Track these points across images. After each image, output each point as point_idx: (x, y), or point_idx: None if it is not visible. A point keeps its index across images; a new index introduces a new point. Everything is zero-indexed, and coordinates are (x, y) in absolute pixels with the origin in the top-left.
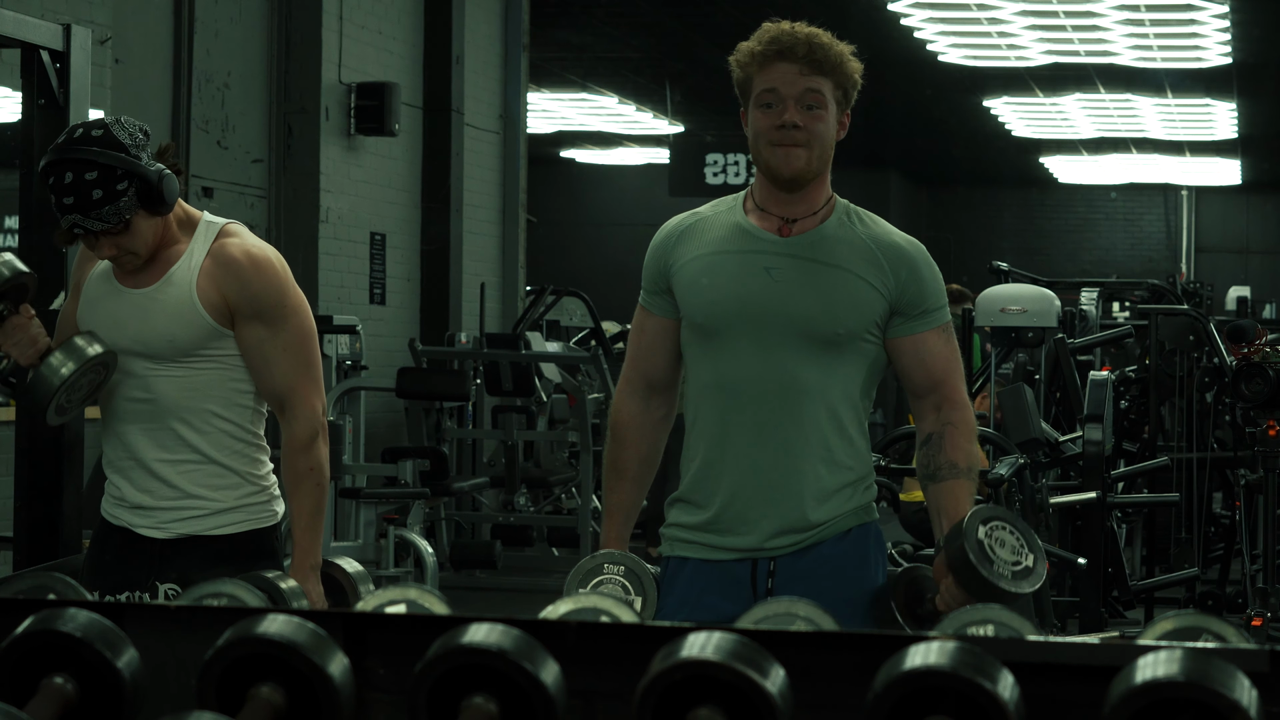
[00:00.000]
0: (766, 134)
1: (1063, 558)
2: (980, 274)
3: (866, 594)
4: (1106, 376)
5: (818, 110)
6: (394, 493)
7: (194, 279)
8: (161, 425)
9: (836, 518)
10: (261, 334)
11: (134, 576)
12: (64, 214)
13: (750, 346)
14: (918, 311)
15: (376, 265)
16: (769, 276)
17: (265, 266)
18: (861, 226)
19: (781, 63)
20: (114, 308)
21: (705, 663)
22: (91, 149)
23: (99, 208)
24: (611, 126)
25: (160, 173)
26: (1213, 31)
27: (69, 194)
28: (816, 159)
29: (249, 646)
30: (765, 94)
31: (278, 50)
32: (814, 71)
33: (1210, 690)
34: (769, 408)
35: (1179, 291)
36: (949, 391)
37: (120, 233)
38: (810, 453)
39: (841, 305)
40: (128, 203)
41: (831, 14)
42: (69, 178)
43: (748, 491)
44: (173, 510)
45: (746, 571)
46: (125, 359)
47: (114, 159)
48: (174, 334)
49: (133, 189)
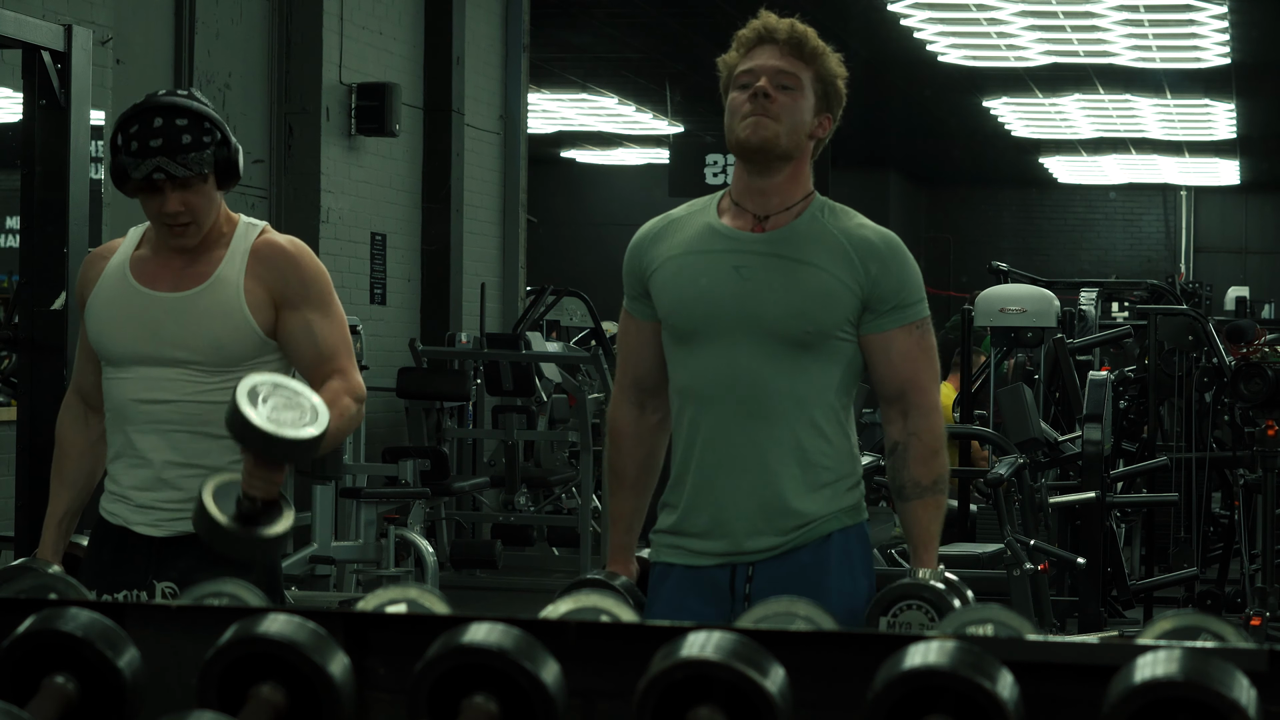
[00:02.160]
0: (739, 109)
1: (1062, 557)
2: (980, 274)
3: (847, 601)
4: (1106, 376)
5: (793, 91)
6: (394, 492)
7: (240, 281)
8: (179, 431)
9: (815, 521)
10: (312, 316)
11: (131, 576)
12: (146, 158)
13: (720, 347)
14: (887, 307)
15: (377, 265)
16: (738, 276)
17: (310, 254)
18: (833, 220)
19: (762, 46)
20: (143, 311)
21: (705, 662)
22: (182, 99)
23: (186, 153)
24: (611, 127)
25: (238, 145)
26: (1211, 32)
27: (157, 136)
28: (786, 135)
29: (249, 646)
30: (743, 75)
31: (278, 51)
32: (793, 55)
33: (1209, 690)
34: (740, 408)
35: (1178, 292)
36: (916, 396)
37: (195, 187)
38: (783, 453)
39: (811, 304)
40: (209, 156)
41: (831, 14)
42: (158, 122)
43: (721, 492)
44: (172, 510)
45: (725, 577)
46: (148, 365)
47: (204, 110)
48: (220, 339)
49: (214, 147)
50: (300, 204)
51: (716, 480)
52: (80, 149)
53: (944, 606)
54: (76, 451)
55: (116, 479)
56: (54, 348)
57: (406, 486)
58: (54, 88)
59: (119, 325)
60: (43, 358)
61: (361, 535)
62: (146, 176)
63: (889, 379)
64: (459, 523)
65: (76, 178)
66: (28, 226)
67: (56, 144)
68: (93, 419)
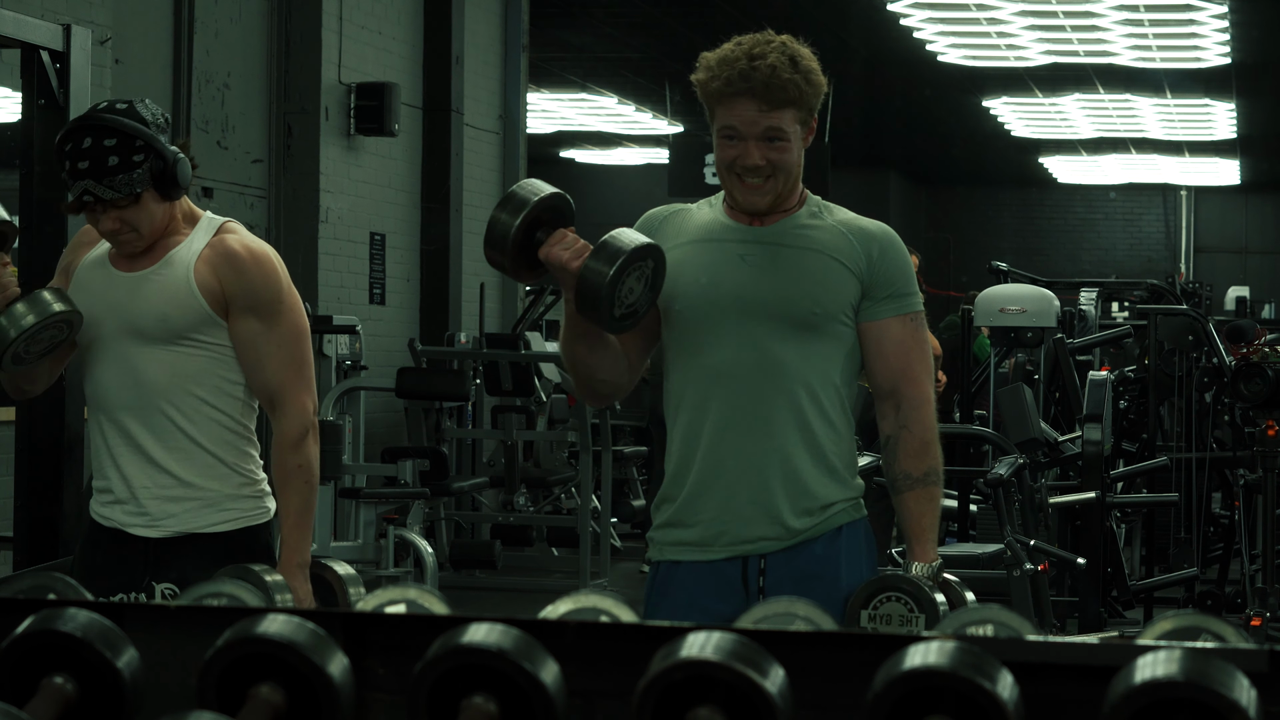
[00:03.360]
0: (730, 165)
1: (1062, 558)
2: (980, 274)
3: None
4: (1106, 376)
5: (780, 143)
6: (394, 493)
7: (192, 262)
8: (152, 410)
9: (825, 511)
10: (256, 328)
11: (128, 578)
12: (76, 180)
13: (727, 330)
14: (884, 294)
15: (376, 265)
16: (743, 262)
17: (264, 261)
18: (829, 214)
19: (741, 100)
20: (106, 290)
21: (705, 663)
22: (113, 117)
23: (113, 175)
24: (611, 126)
25: (176, 155)
26: (1212, 32)
27: (85, 159)
28: (782, 186)
29: (249, 646)
30: (726, 129)
31: (277, 50)
32: (774, 108)
33: (1209, 690)
34: (747, 387)
35: (1178, 291)
36: (907, 388)
37: (127, 206)
38: (791, 433)
39: (816, 286)
40: (141, 176)
41: (831, 14)
42: (87, 143)
43: (730, 475)
44: (165, 502)
45: (737, 571)
46: (115, 342)
47: (134, 129)
48: (166, 312)
49: (148, 164)
50: (299, 204)
51: (724, 466)
52: None
53: (924, 599)
54: None
55: (107, 473)
56: None
57: (406, 487)
58: (53, 87)
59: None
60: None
61: (361, 535)
62: (77, 199)
63: (882, 370)
64: (458, 523)
65: None
66: (27, 226)
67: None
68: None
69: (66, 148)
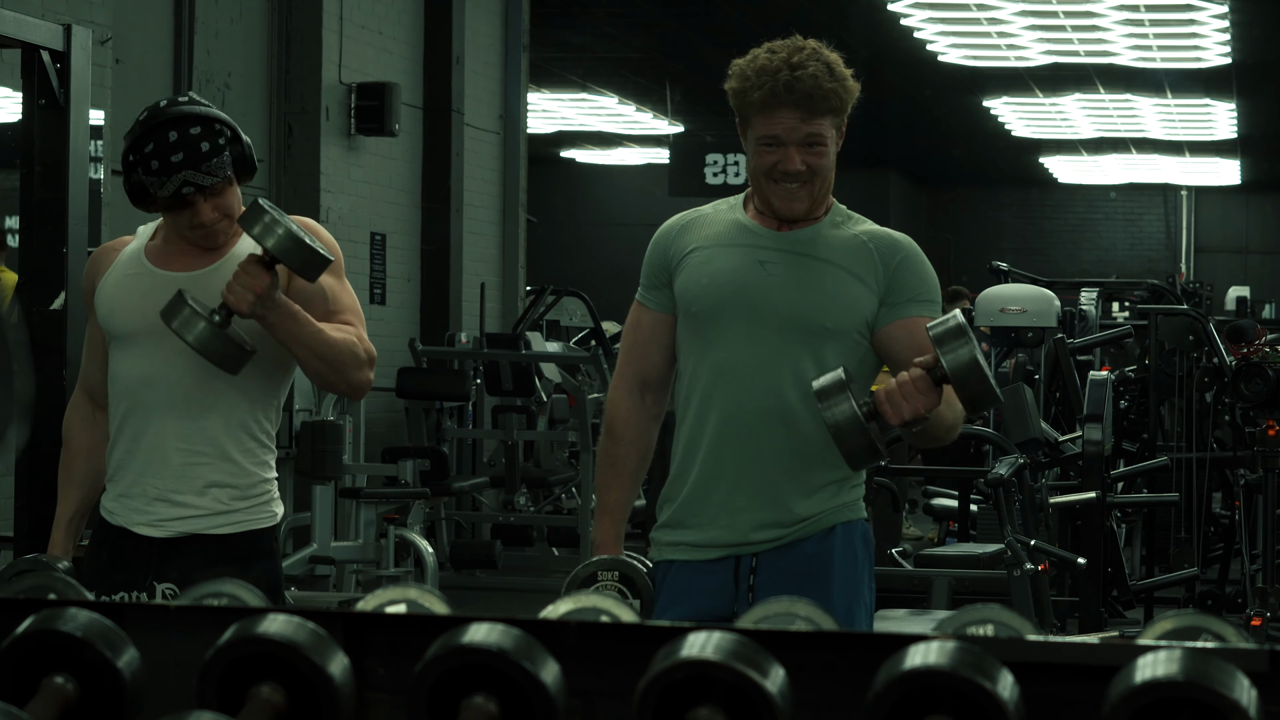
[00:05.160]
0: (768, 171)
1: (1063, 557)
2: (980, 274)
3: (849, 591)
4: (1106, 376)
5: (818, 148)
6: (394, 492)
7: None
8: (186, 414)
9: (820, 513)
10: (329, 280)
11: (131, 577)
12: (172, 174)
13: (739, 335)
14: (905, 298)
15: (377, 265)
16: (763, 270)
17: (319, 228)
18: (852, 225)
19: (784, 110)
20: (154, 288)
21: (705, 662)
22: (191, 107)
23: (208, 160)
24: (611, 126)
25: (246, 137)
26: (1212, 32)
27: (177, 150)
28: (818, 191)
29: (249, 646)
30: (767, 138)
31: (278, 50)
32: (815, 116)
33: (1210, 690)
34: (753, 392)
35: (1178, 291)
36: None
37: (223, 191)
38: (794, 440)
39: (831, 300)
40: (229, 157)
41: (831, 14)
42: (173, 136)
43: (728, 471)
44: (174, 505)
45: (729, 570)
46: (164, 341)
47: (215, 114)
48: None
49: (230, 146)
50: (300, 204)
51: (724, 467)
52: (79, 149)
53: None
54: (84, 451)
55: (122, 468)
56: (53, 348)
57: (406, 486)
58: (53, 87)
59: (132, 301)
60: (42, 357)
61: (361, 535)
62: (175, 192)
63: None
64: (459, 523)
65: (76, 177)
66: (27, 226)
67: (56, 144)
68: (100, 418)
69: (147, 147)
